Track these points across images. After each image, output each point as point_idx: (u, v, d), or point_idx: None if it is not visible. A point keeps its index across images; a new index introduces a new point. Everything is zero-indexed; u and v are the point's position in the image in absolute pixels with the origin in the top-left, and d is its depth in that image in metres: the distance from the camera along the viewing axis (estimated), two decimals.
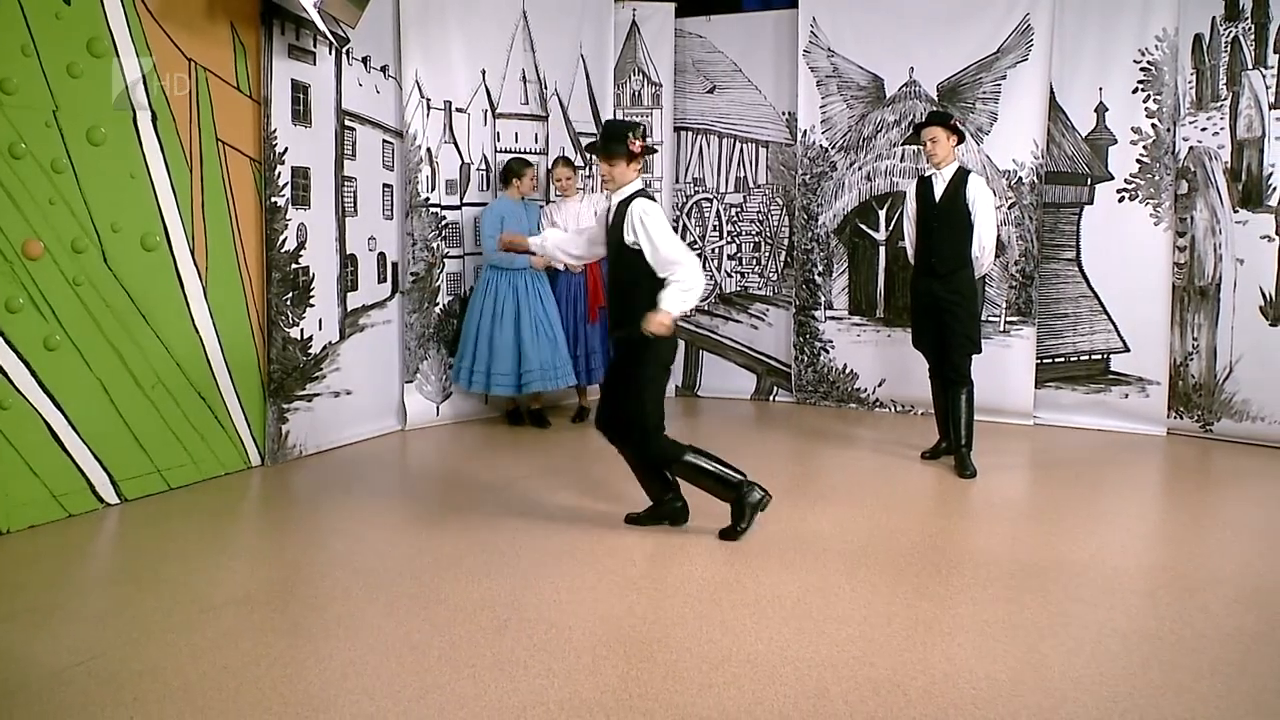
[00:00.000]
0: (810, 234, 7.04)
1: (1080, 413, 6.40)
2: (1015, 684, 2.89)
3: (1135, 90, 6.12)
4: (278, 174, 5.25)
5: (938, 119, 5.25)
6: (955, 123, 5.28)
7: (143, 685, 2.87)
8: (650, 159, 7.31)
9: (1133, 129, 6.14)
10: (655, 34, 7.26)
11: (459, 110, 6.38)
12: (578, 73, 6.95)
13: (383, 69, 5.97)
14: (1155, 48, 6.04)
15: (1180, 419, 6.17)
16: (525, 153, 6.63)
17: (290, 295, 5.37)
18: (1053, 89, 6.31)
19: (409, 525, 4.41)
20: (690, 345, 7.53)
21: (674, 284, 3.92)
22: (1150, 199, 6.13)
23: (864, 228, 6.92)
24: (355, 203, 5.82)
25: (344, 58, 5.66)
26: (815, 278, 7.05)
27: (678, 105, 7.39)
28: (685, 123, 7.44)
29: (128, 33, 4.55)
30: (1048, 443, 6.07)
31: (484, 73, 6.49)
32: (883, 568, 3.85)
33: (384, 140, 6.01)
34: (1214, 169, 5.97)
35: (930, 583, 3.70)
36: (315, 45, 5.44)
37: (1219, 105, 5.93)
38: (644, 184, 4.24)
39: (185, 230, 4.87)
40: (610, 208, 4.18)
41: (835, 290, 7.01)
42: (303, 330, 5.47)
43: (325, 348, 5.63)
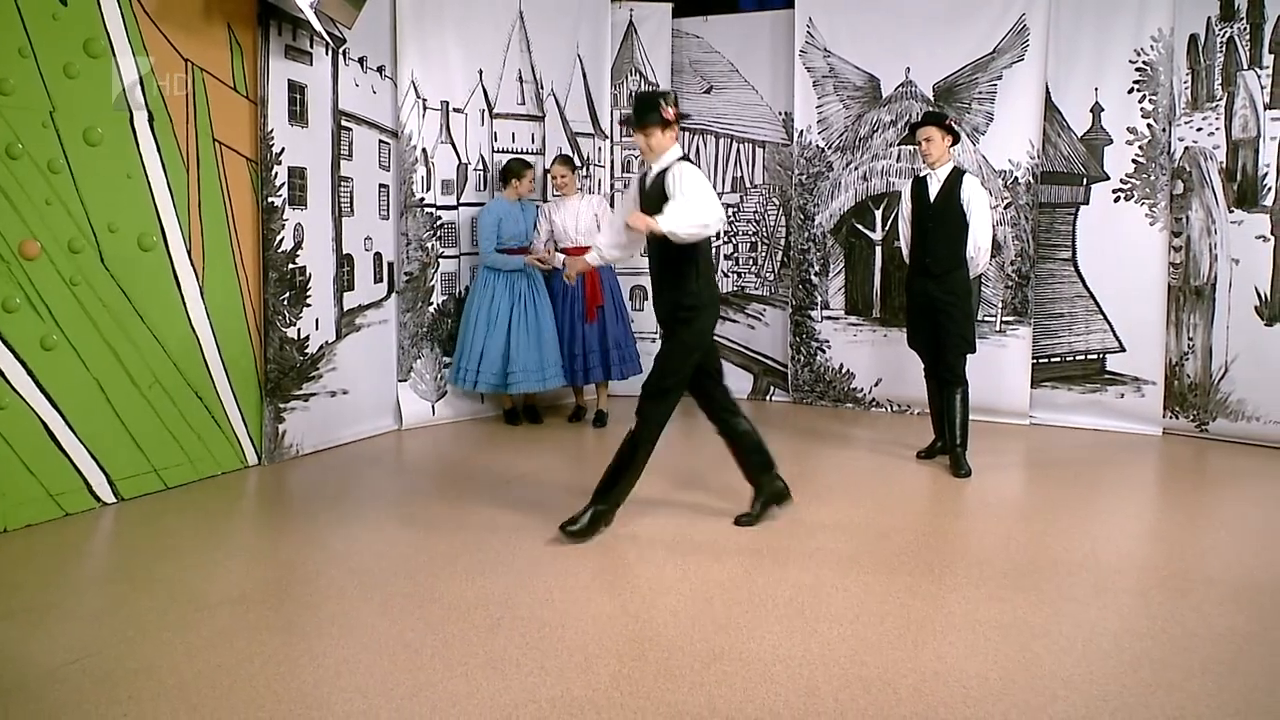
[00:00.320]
0: (807, 234, 7.06)
1: (1076, 412, 6.42)
2: (1006, 682, 2.91)
3: (1131, 90, 6.13)
4: (274, 174, 5.26)
5: (933, 119, 5.27)
6: (950, 123, 5.29)
7: (137, 683, 2.89)
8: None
9: (1128, 129, 6.15)
10: (652, 34, 7.27)
11: (456, 110, 6.40)
12: (575, 73, 6.96)
13: (379, 69, 5.98)
14: (1151, 48, 6.05)
15: (1176, 419, 6.18)
16: (522, 153, 6.64)
17: (287, 295, 5.38)
18: (1048, 89, 6.32)
19: (404, 524, 4.42)
20: None
21: (681, 205, 3.88)
22: (1146, 199, 6.14)
23: (860, 228, 6.93)
24: (352, 203, 5.83)
25: (340, 58, 5.67)
26: (811, 277, 7.06)
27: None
28: (682, 123, 7.44)
29: (124, 33, 4.57)
30: (1043, 442, 6.08)
31: (481, 73, 6.50)
32: (876, 567, 3.86)
33: (380, 140, 6.02)
34: (1209, 169, 5.98)
35: (923, 582, 3.71)
36: (312, 46, 5.45)
37: (1214, 105, 5.94)
38: (683, 153, 4.19)
39: (182, 230, 4.88)
40: (648, 179, 4.14)
41: (831, 290, 7.03)
42: (299, 330, 5.48)
43: (322, 347, 5.64)
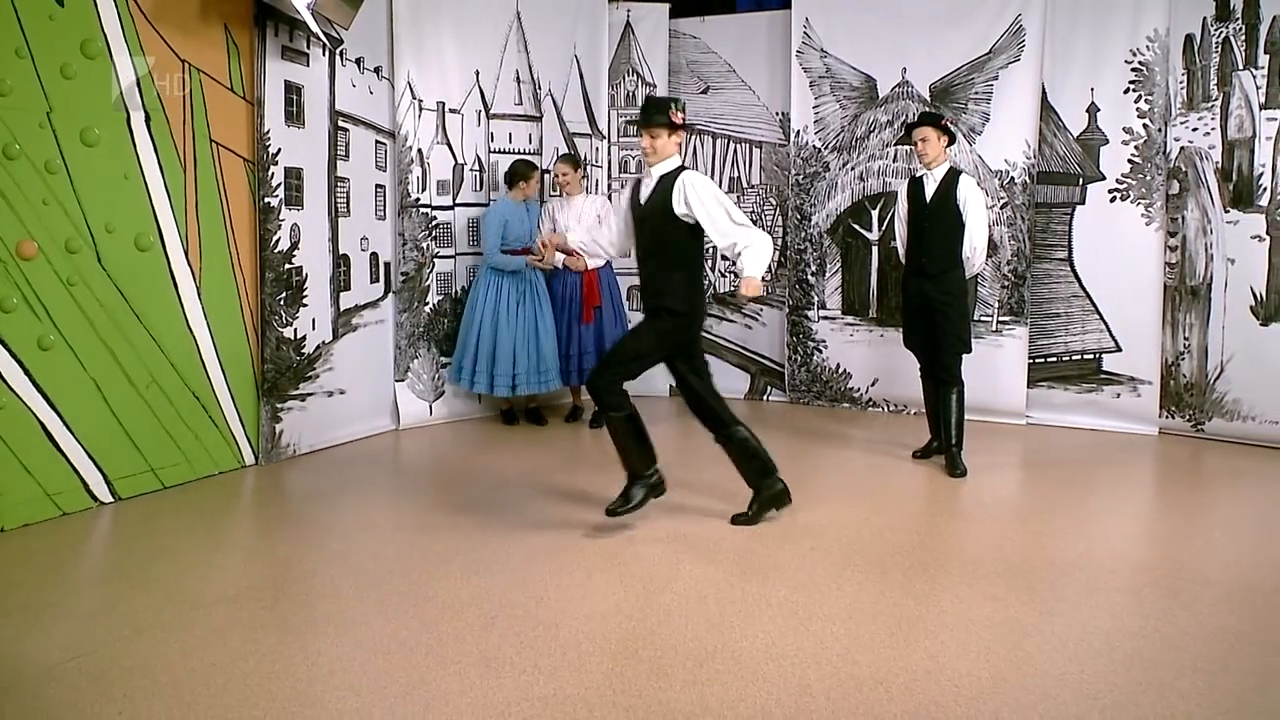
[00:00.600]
0: (803, 234, 7.07)
1: (1072, 412, 6.43)
2: (997, 681, 2.92)
3: (1127, 90, 6.14)
4: (271, 175, 5.27)
5: (929, 119, 5.27)
6: (946, 123, 5.30)
7: (132, 682, 2.90)
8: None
9: (1124, 129, 6.16)
10: (649, 35, 7.29)
11: (452, 111, 6.41)
12: (572, 73, 6.97)
13: (376, 70, 5.99)
14: (1146, 48, 6.06)
15: (1172, 418, 6.19)
16: (519, 153, 6.65)
17: (284, 295, 5.40)
18: (1045, 89, 6.33)
19: (400, 524, 4.43)
20: None
21: (746, 249, 3.94)
22: (1142, 199, 6.15)
23: (857, 228, 6.94)
24: (348, 203, 5.84)
25: (337, 59, 5.68)
26: (808, 278, 7.08)
27: None
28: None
29: (121, 34, 4.58)
30: (1040, 442, 6.09)
31: (478, 73, 6.51)
32: (870, 566, 3.88)
33: (377, 141, 6.03)
34: (1205, 169, 5.99)
35: (917, 581, 3.72)
36: (308, 46, 5.46)
37: (1210, 106, 5.96)
38: (682, 161, 4.22)
39: (179, 231, 4.89)
40: (646, 184, 4.14)
41: (828, 290, 7.04)
42: (296, 330, 5.49)
43: (318, 347, 5.65)
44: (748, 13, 7.37)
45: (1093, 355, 6.39)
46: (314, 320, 5.61)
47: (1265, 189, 5.79)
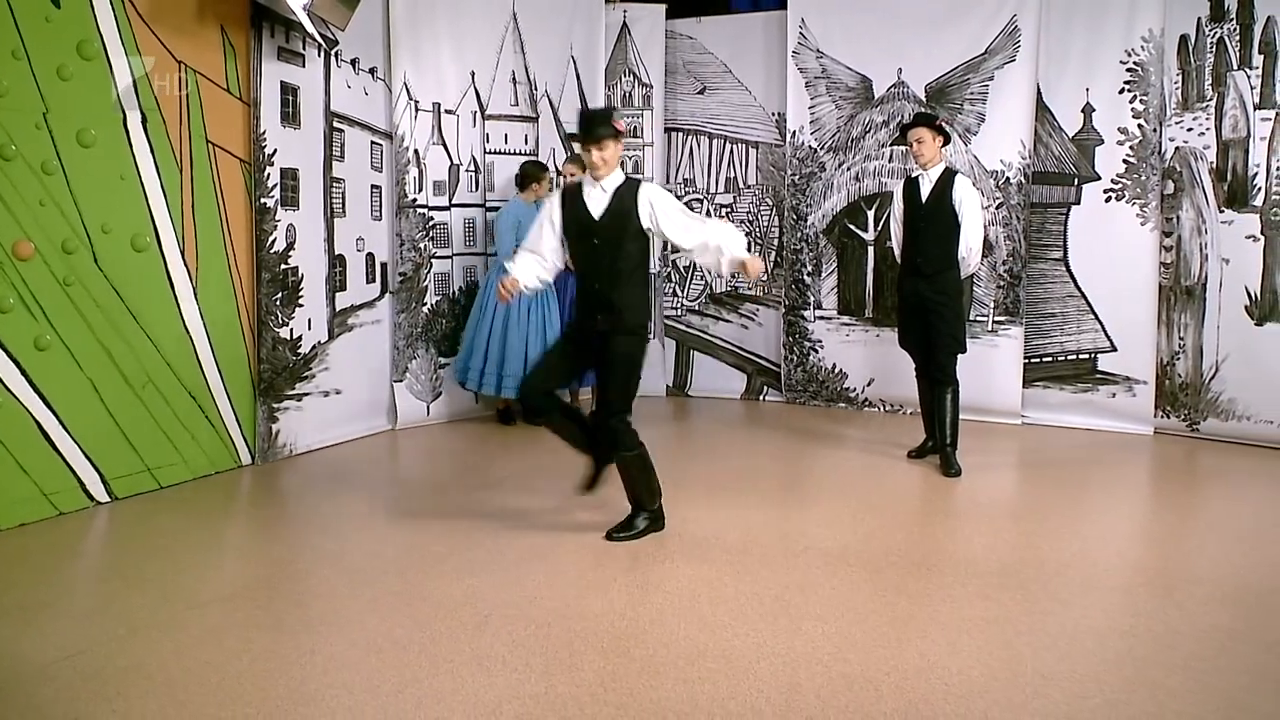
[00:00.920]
0: (799, 234, 7.08)
1: (1068, 412, 6.44)
2: (988, 679, 2.93)
3: (1122, 91, 6.15)
4: (267, 175, 5.29)
5: (923, 120, 5.29)
6: (941, 124, 5.31)
7: (127, 680, 2.91)
8: (641, 157, 7.36)
9: (1119, 129, 6.18)
10: (646, 35, 7.30)
11: (448, 112, 6.42)
12: (568, 74, 6.98)
13: (371, 71, 6.00)
14: (1141, 48, 6.07)
15: (1167, 418, 6.20)
16: (515, 154, 6.67)
17: (280, 295, 5.41)
18: (1040, 90, 6.34)
19: (396, 523, 4.44)
20: (681, 345, 7.58)
21: (721, 239, 3.97)
22: (1137, 199, 6.17)
23: (853, 228, 6.96)
24: (344, 204, 5.86)
25: (333, 60, 5.69)
26: (804, 278, 7.09)
27: (668, 106, 7.43)
28: (676, 124, 7.48)
29: (118, 35, 4.59)
30: (1035, 442, 6.10)
31: (473, 74, 6.52)
32: (863, 566, 3.89)
33: (372, 142, 6.04)
34: (1200, 169, 6.00)
35: (909, 580, 3.73)
36: (304, 48, 5.48)
37: (1205, 106, 5.97)
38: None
39: (175, 231, 4.90)
40: (593, 197, 4.03)
41: (824, 290, 7.05)
42: (292, 330, 5.50)
43: (314, 347, 5.67)
44: (744, 13, 7.39)
45: (1088, 355, 6.40)
46: (310, 320, 5.62)
47: (1259, 189, 5.80)
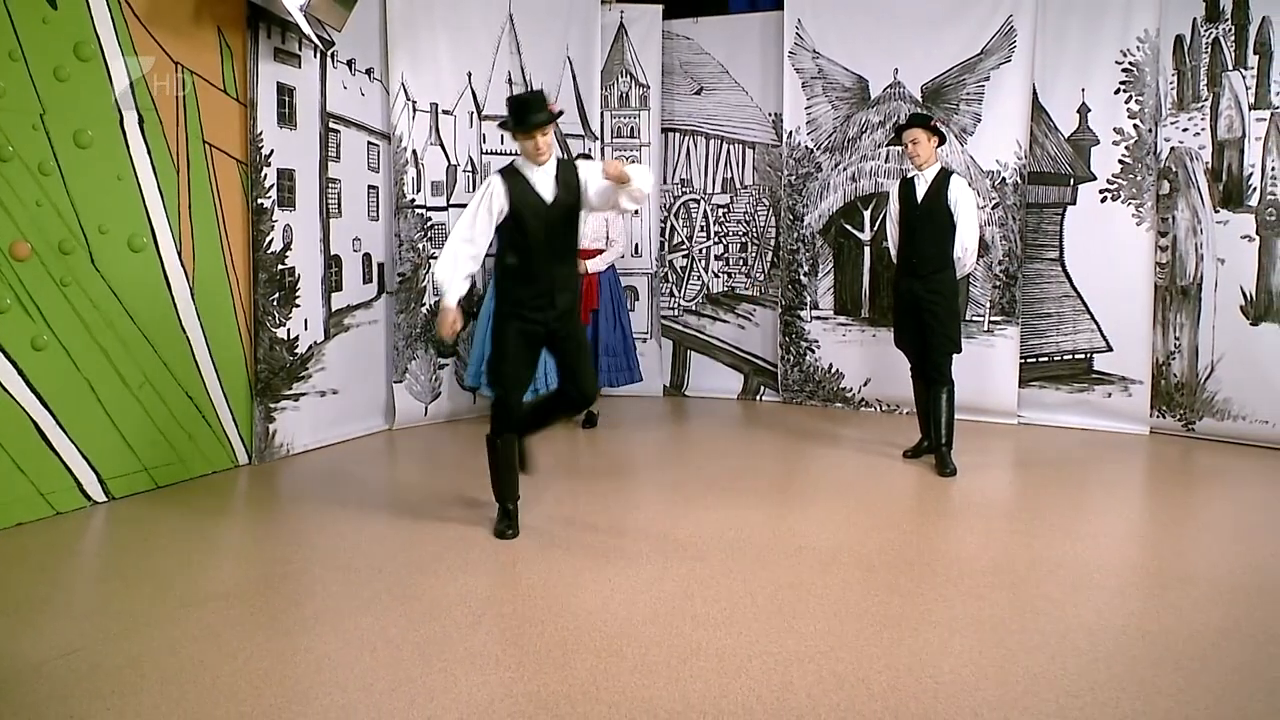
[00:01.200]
0: (796, 234, 7.09)
1: (1063, 412, 6.45)
2: (978, 678, 2.94)
3: (1117, 91, 6.16)
4: (264, 176, 5.30)
5: (918, 121, 5.30)
6: (935, 124, 5.32)
7: (122, 678, 2.93)
8: (639, 158, 7.37)
9: (1115, 130, 6.19)
10: (642, 36, 7.31)
11: (445, 113, 6.43)
12: (565, 75, 7.00)
13: (367, 72, 6.02)
14: (1137, 49, 6.09)
15: (1163, 418, 6.21)
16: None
17: (276, 296, 5.42)
18: (1035, 90, 6.36)
19: (392, 522, 4.46)
20: (678, 345, 7.60)
21: (634, 170, 3.98)
22: (1132, 199, 6.18)
23: (849, 228, 6.97)
24: (340, 204, 5.87)
25: (329, 61, 5.71)
26: (801, 278, 7.10)
27: (665, 107, 7.44)
28: (672, 124, 7.49)
29: (114, 37, 4.60)
30: (1031, 442, 6.11)
31: (470, 75, 6.54)
32: (857, 565, 3.90)
33: (369, 142, 6.06)
34: (1195, 169, 6.01)
35: (903, 580, 3.75)
36: (301, 48, 5.49)
37: (1200, 106, 5.98)
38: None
39: (172, 232, 4.92)
40: (540, 180, 4.01)
41: (821, 290, 7.06)
42: (289, 330, 5.52)
43: (311, 347, 5.68)
44: (741, 14, 7.40)
45: (1084, 355, 6.42)
46: (306, 321, 5.64)
47: (1255, 189, 5.81)
